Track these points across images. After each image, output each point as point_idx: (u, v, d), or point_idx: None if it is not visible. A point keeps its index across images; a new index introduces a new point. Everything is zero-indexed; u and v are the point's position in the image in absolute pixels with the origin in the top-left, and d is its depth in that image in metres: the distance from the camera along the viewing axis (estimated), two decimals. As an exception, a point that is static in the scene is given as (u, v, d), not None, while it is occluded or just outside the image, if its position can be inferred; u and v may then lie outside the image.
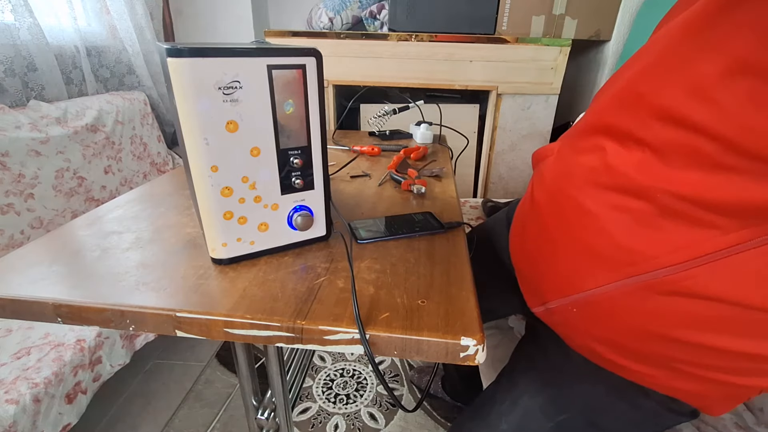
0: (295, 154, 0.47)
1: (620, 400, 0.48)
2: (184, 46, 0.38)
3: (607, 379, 0.48)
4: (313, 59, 0.43)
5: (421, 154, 0.98)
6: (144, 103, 1.52)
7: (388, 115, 1.09)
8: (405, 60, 1.52)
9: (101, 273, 0.47)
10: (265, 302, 0.42)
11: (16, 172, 1.01)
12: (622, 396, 0.48)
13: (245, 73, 0.40)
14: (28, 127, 1.05)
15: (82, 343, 0.80)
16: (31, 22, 1.12)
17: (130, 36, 1.46)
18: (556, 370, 0.53)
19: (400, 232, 0.57)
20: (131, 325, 0.42)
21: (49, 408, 0.71)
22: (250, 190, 0.46)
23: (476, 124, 1.69)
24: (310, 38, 1.53)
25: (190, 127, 0.41)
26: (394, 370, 1.30)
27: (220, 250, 0.48)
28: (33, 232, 1.04)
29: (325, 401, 1.17)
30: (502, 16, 1.48)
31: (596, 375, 0.49)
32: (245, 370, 0.67)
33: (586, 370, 0.50)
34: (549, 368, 0.53)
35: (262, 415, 0.73)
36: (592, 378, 0.49)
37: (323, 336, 0.39)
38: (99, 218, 0.61)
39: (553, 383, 0.51)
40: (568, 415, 0.49)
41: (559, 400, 0.50)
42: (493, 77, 1.53)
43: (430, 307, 0.42)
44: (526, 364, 0.56)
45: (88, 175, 1.21)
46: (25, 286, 0.44)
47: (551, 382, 0.51)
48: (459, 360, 0.38)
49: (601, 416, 0.49)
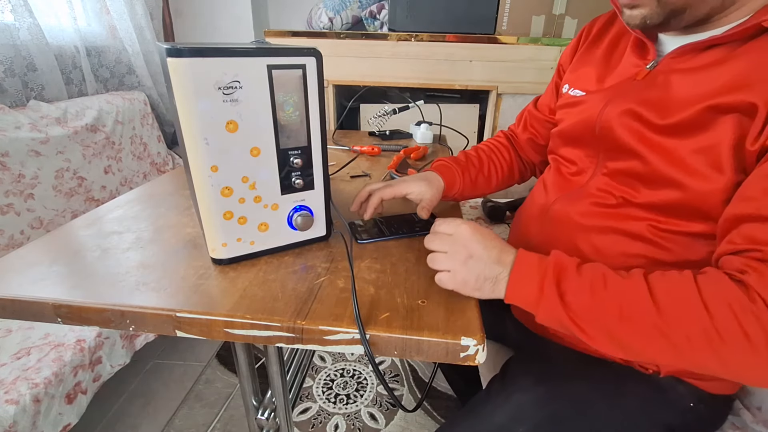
0: (295, 154, 0.47)
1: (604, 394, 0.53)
2: (184, 46, 0.38)
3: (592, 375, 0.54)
4: (313, 59, 0.43)
5: (421, 154, 0.98)
6: (144, 103, 1.52)
7: (388, 115, 1.09)
8: (405, 60, 1.52)
9: (101, 273, 0.47)
10: (265, 302, 0.42)
11: (16, 172, 1.01)
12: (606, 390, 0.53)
13: (245, 73, 0.40)
14: (28, 127, 1.05)
15: (82, 343, 0.80)
16: (31, 22, 1.12)
17: (130, 36, 1.46)
18: (547, 369, 0.56)
19: (400, 232, 0.57)
20: (131, 325, 0.42)
21: (49, 408, 0.71)
22: (250, 190, 0.46)
23: (476, 124, 1.69)
24: (310, 38, 1.53)
25: (190, 127, 0.41)
26: (394, 370, 1.30)
27: (220, 250, 0.48)
28: (33, 232, 1.04)
29: (325, 401, 1.17)
30: (502, 16, 1.48)
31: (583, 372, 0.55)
32: (245, 370, 0.68)
33: (574, 368, 0.56)
34: (540, 368, 0.56)
35: (262, 415, 0.73)
36: (578, 375, 0.55)
37: (323, 336, 0.39)
38: (99, 218, 0.61)
39: (544, 380, 0.54)
40: (558, 406, 0.52)
41: (549, 394, 0.53)
42: (493, 77, 1.53)
43: (430, 307, 0.42)
44: (518, 368, 0.59)
45: (88, 175, 1.21)
46: (25, 286, 0.44)
47: (542, 379, 0.54)
48: (459, 360, 0.38)
49: (588, 407, 0.52)
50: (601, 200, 0.55)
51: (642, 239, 0.51)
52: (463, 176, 0.70)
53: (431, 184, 0.64)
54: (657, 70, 0.51)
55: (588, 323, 0.40)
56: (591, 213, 0.55)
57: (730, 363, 0.37)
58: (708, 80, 0.45)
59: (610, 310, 0.39)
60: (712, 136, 0.44)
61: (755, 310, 0.35)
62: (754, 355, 0.35)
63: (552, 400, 0.52)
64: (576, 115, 0.59)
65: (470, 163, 0.73)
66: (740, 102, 0.42)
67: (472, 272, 0.42)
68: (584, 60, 0.64)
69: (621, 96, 0.53)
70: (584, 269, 0.42)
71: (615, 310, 0.39)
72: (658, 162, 0.48)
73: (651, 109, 0.49)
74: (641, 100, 0.50)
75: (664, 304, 0.38)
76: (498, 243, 0.44)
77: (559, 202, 0.60)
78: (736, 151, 0.43)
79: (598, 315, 0.40)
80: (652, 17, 0.46)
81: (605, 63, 0.59)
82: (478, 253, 0.43)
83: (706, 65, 0.46)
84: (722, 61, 0.45)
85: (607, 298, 0.39)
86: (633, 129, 0.50)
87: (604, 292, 0.40)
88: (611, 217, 0.53)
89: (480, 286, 0.42)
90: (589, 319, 0.40)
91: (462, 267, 0.42)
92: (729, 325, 0.36)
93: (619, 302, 0.39)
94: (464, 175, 0.71)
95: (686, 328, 0.37)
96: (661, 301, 0.38)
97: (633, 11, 0.48)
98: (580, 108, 0.59)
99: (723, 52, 0.45)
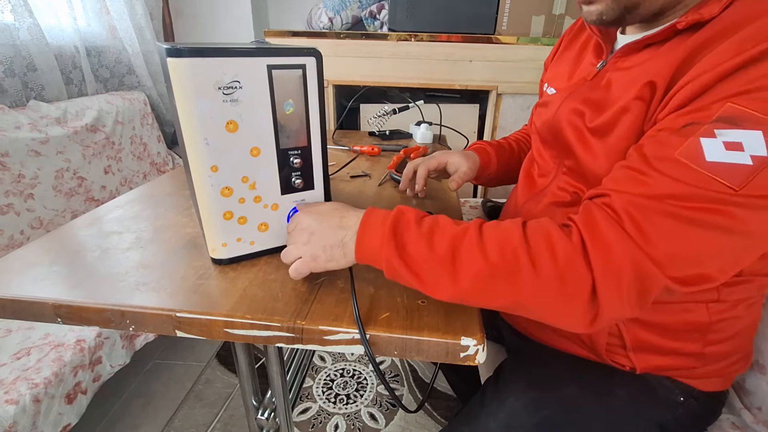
0: (295, 154, 0.47)
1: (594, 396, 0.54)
2: (184, 46, 0.38)
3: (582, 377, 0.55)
4: (313, 59, 0.43)
5: (421, 154, 0.98)
6: (144, 103, 1.52)
7: (388, 115, 1.09)
8: (405, 60, 1.52)
9: (101, 273, 0.47)
10: (265, 302, 0.42)
11: (16, 172, 1.01)
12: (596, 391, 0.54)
13: (245, 73, 0.40)
14: (28, 128, 1.05)
15: (82, 343, 0.80)
16: (31, 22, 1.12)
17: (130, 36, 1.46)
18: (538, 373, 0.57)
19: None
20: (131, 325, 0.42)
21: (49, 408, 0.71)
22: (250, 190, 0.46)
23: (476, 124, 1.69)
24: (310, 38, 1.53)
25: (190, 127, 0.41)
26: (394, 370, 1.30)
27: (220, 250, 0.48)
28: (33, 232, 1.04)
29: (325, 401, 1.17)
30: (502, 16, 1.48)
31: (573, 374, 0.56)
32: (245, 370, 0.67)
33: (564, 370, 0.57)
34: (531, 374, 0.57)
35: (262, 415, 0.73)
36: (568, 377, 0.55)
37: (323, 336, 0.39)
38: (99, 218, 0.61)
39: (534, 386, 0.54)
40: (548, 411, 0.52)
41: (540, 400, 0.53)
42: (492, 77, 1.53)
43: (430, 307, 0.42)
44: (510, 372, 0.59)
45: (88, 175, 1.21)
46: (25, 286, 0.44)
47: (533, 385, 0.55)
48: (459, 360, 0.38)
49: (577, 411, 0.53)
50: (560, 199, 0.56)
51: None
52: (498, 158, 0.74)
53: (469, 159, 0.68)
54: (603, 70, 0.52)
55: (425, 271, 0.39)
56: (552, 212, 0.56)
57: (523, 289, 0.37)
58: (634, 78, 0.46)
59: (443, 257, 0.38)
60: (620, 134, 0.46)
61: (563, 243, 0.37)
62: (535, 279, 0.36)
63: (543, 406, 0.53)
64: (543, 116, 0.61)
65: (503, 149, 0.77)
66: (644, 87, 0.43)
67: (318, 246, 0.42)
68: (562, 59, 0.66)
69: (572, 95, 0.55)
70: (425, 221, 0.41)
71: (448, 255, 0.38)
72: (591, 161, 0.50)
73: (590, 109, 0.50)
74: (584, 99, 0.52)
75: (490, 245, 0.38)
76: (338, 211, 0.44)
77: (528, 204, 0.62)
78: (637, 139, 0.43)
79: (433, 263, 0.39)
80: (608, 12, 0.46)
81: (575, 62, 0.61)
82: (315, 227, 0.43)
83: (636, 64, 0.47)
84: (649, 59, 0.46)
85: (439, 244, 0.39)
86: (576, 127, 0.52)
87: (438, 238, 0.39)
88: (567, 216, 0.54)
89: (330, 255, 0.42)
90: (426, 268, 0.39)
91: (306, 246, 0.42)
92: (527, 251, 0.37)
93: (452, 248, 0.38)
94: (498, 157, 0.74)
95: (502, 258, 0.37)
96: (487, 243, 0.38)
97: (590, 7, 0.48)
98: (546, 109, 0.61)
99: (652, 51, 0.46)
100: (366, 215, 0.42)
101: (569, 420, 0.52)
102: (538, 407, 0.53)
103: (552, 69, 0.68)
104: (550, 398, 0.53)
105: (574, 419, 0.52)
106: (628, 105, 0.45)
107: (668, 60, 0.42)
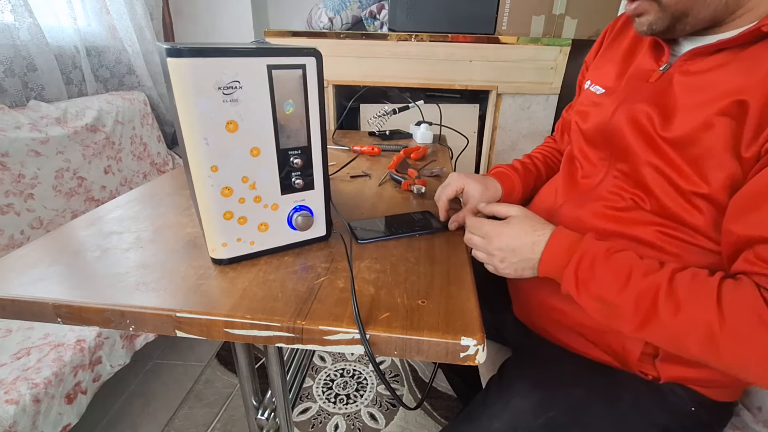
0: (295, 154, 0.47)
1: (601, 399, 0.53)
2: (184, 46, 0.38)
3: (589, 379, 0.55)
4: (313, 59, 0.43)
5: (421, 154, 0.98)
6: (144, 103, 1.52)
7: (388, 115, 1.09)
8: (405, 60, 1.52)
9: (101, 273, 0.47)
10: (265, 302, 0.42)
11: (16, 172, 1.01)
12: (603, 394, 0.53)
13: (245, 73, 0.40)
14: (28, 128, 1.05)
15: (82, 343, 0.80)
16: (31, 22, 1.12)
17: (130, 36, 1.46)
18: (544, 372, 0.56)
19: (399, 231, 0.57)
20: (131, 325, 0.42)
21: (49, 408, 0.71)
22: (250, 190, 0.46)
23: (476, 124, 1.69)
24: (310, 38, 1.53)
25: (190, 127, 0.41)
26: (394, 370, 1.30)
27: (220, 250, 0.48)
28: (33, 232, 1.04)
29: (325, 401, 1.17)
30: (502, 16, 1.48)
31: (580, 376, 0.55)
32: (245, 370, 0.67)
33: (571, 371, 0.56)
34: (537, 373, 0.56)
35: (262, 415, 0.73)
36: (576, 379, 0.55)
37: (323, 336, 0.39)
38: (99, 218, 0.61)
39: (540, 386, 0.54)
40: (554, 413, 0.52)
41: (546, 400, 0.52)
42: (492, 77, 1.53)
43: (431, 307, 0.42)
44: (515, 371, 0.58)
45: (88, 175, 1.21)
46: (25, 286, 0.44)
47: (539, 384, 0.54)
48: (459, 360, 0.38)
49: (583, 413, 0.52)
50: (612, 203, 0.54)
51: (650, 245, 0.50)
52: (523, 186, 0.71)
53: (487, 191, 0.66)
54: (668, 73, 0.51)
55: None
56: (602, 215, 0.54)
57: (727, 353, 0.39)
58: (708, 85, 0.45)
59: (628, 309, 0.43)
60: (703, 150, 0.45)
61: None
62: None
63: (549, 407, 0.52)
64: (594, 117, 0.59)
65: (529, 173, 0.74)
66: (732, 104, 0.42)
67: (510, 267, 0.52)
68: (606, 57, 0.64)
69: (633, 97, 0.53)
70: (613, 258, 0.46)
71: (631, 308, 0.43)
72: (663, 167, 0.48)
73: (658, 114, 0.49)
74: (651, 103, 0.50)
75: (685, 301, 0.41)
76: (528, 238, 0.50)
77: (567, 205, 0.59)
78: (729, 157, 0.43)
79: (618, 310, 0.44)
80: (657, 23, 0.47)
81: (625, 61, 0.59)
82: (509, 254, 0.51)
83: (710, 68, 0.46)
84: (724, 65, 0.45)
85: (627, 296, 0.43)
86: (644, 132, 0.50)
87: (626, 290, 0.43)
88: (620, 221, 0.53)
89: (521, 274, 0.52)
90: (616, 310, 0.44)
91: (501, 263, 0.52)
92: (740, 317, 0.38)
93: (636, 300, 0.43)
94: (524, 186, 0.71)
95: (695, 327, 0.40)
96: (683, 302, 0.41)
97: (640, 18, 0.49)
98: (597, 109, 0.59)
99: (728, 56, 0.45)
100: (549, 246, 0.49)
101: (575, 421, 0.52)
102: (544, 408, 0.52)
103: (596, 67, 0.65)
104: (557, 399, 0.53)
105: (579, 421, 0.52)
106: (711, 120, 0.44)
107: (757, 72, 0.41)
